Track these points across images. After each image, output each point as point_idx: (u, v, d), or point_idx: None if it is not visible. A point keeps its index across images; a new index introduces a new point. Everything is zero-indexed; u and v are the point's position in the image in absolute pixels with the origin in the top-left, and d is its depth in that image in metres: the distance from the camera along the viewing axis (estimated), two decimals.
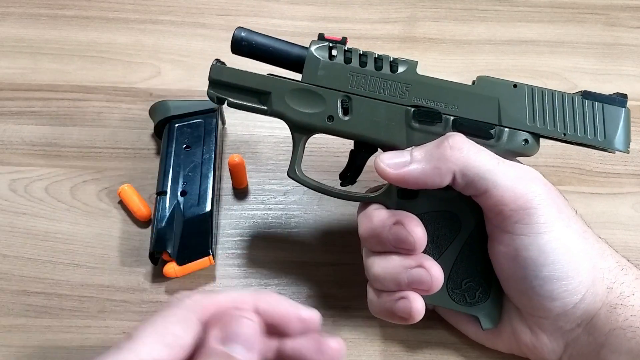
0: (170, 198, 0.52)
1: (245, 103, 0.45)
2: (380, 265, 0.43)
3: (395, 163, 0.42)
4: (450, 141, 0.41)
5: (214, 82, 0.44)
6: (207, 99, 0.45)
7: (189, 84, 0.65)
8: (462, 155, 0.40)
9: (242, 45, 0.44)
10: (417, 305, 0.42)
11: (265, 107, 0.44)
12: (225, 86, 0.44)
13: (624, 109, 0.43)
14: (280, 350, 0.36)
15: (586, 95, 0.44)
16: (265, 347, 0.36)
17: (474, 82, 0.44)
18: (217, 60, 0.45)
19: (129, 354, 0.32)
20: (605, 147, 0.43)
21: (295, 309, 0.37)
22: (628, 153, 0.44)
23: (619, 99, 0.44)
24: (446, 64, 0.68)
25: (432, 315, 0.49)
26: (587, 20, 0.72)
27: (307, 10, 0.72)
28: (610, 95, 0.44)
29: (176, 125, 0.57)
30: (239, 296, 0.37)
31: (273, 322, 0.36)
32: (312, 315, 0.37)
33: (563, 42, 0.70)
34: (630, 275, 0.42)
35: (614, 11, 0.73)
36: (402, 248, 0.42)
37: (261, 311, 0.36)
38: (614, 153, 0.44)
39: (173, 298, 0.37)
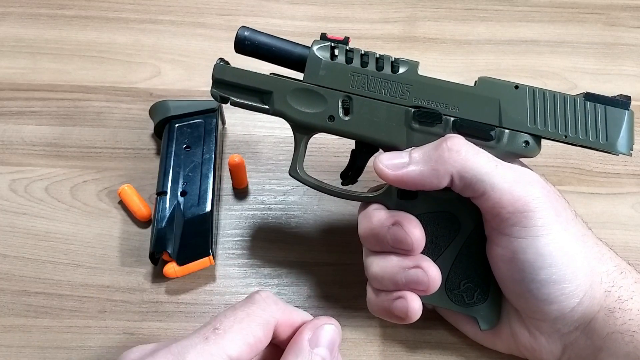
0: (170, 198, 0.52)
1: (247, 102, 0.45)
2: (379, 265, 0.44)
3: (394, 164, 0.42)
4: (449, 143, 0.41)
5: (217, 82, 0.45)
6: (207, 98, 0.45)
7: (189, 84, 0.65)
8: (460, 157, 0.40)
9: (245, 45, 0.45)
10: (414, 305, 0.42)
11: (267, 107, 0.45)
12: (228, 85, 0.45)
13: (627, 111, 0.43)
14: None
15: (588, 97, 0.43)
16: None
17: (476, 83, 0.44)
18: (221, 59, 0.45)
19: (216, 347, 0.34)
20: (608, 149, 0.43)
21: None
22: (631, 156, 0.44)
23: (622, 101, 0.43)
24: (446, 63, 0.68)
25: (432, 315, 0.50)
26: (587, 20, 0.72)
27: (307, 10, 0.72)
28: (613, 97, 0.43)
29: (176, 125, 0.57)
30: (307, 317, 0.39)
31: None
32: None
33: (563, 42, 0.70)
34: (629, 279, 0.42)
35: (614, 11, 0.73)
36: (400, 248, 0.42)
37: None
38: (618, 155, 0.44)
39: (257, 294, 0.38)
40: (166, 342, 0.36)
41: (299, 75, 0.45)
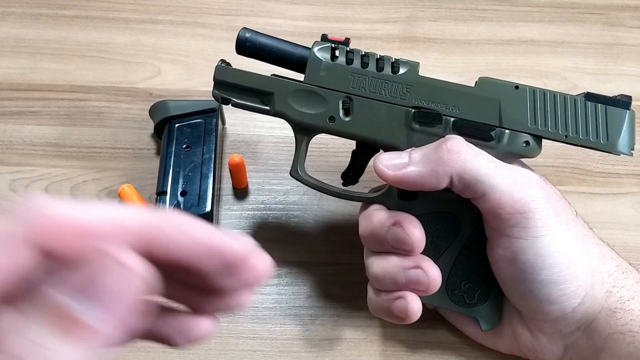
0: (170, 198, 0.52)
1: (248, 103, 0.45)
2: (379, 265, 0.44)
3: (394, 164, 0.42)
4: (449, 144, 0.41)
5: (218, 83, 0.45)
6: (207, 98, 0.45)
7: (189, 84, 0.65)
8: (460, 158, 0.40)
9: (246, 46, 0.45)
10: (414, 305, 0.42)
11: (268, 108, 0.45)
12: (229, 87, 0.45)
13: (627, 111, 0.43)
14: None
15: (589, 97, 0.43)
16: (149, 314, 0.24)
17: (476, 84, 0.44)
18: (222, 60, 0.45)
19: None
20: (608, 149, 0.43)
21: (206, 235, 0.24)
22: (632, 156, 0.44)
23: (623, 101, 0.43)
24: (446, 64, 0.68)
25: (433, 315, 0.50)
26: (587, 20, 0.72)
27: (307, 10, 0.72)
28: (614, 97, 0.43)
29: (176, 125, 0.57)
30: (119, 218, 0.23)
31: (176, 258, 0.23)
32: (231, 242, 0.24)
33: (563, 42, 0.70)
34: (630, 279, 0.42)
35: (614, 11, 0.73)
36: (400, 249, 0.42)
37: (161, 244, 0.23)
38: (618, 155, 0.44)
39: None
40: None
41: (300, 77, 0.45)
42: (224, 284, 0.25)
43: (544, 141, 0.44)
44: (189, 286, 0.26)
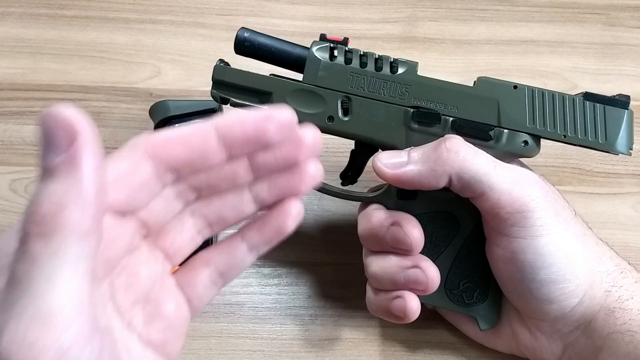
0: None
1: (247, 103, 0.45)
2: (378, 265, 0.44)
3: (393, 163, 0.42)
4: (447, 144, 0.41)
5: (217, 83, 0.45)
6: (207, 98, 0.45)
7: (189, 84, 0.65)
8: (459, 158, 0.40)
9: (245, 46, 0.45)
10: (413, 305, 0.42)
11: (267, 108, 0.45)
12: (228, 86, 0.45)
13: (626, 110, 0.43)
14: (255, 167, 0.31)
15: (587, 96, 0.43)
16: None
17: (474, 83, 0.44)
18: (221, 60, 0.45)
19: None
20: (607, 149, 0.43)
21: (265, 118, 0.29)
22: (630, 155, 0.44)
23: (621, 101, 0.43)
24: (446, 63, 0.68)
25: (432, 315, 0.50)
26: (587, 20, 0.72)
27: (307, 10, 0.72)
28: (612, 96, 0.43)
29: (176, 125, 0.57)
30: (196, 126, 0.29)
31: (244, 138, 0.29)
32: (288, 117, 0.29)
33: (563, 42, 0.70)
34: (629, 279, 0.42)
35: (614, 11, 0.73)
36: (399, 248, 0.43)
37: (225, 131, 0.28)
38: (617, 155, 0.44)
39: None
40: None
41: (299, 76, 0.45)
42: (289, 153, 0.31)
43: (543, 141, 0.44)
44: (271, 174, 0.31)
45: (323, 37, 0.45)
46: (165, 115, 0.57)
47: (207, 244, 0.34)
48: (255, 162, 0.30)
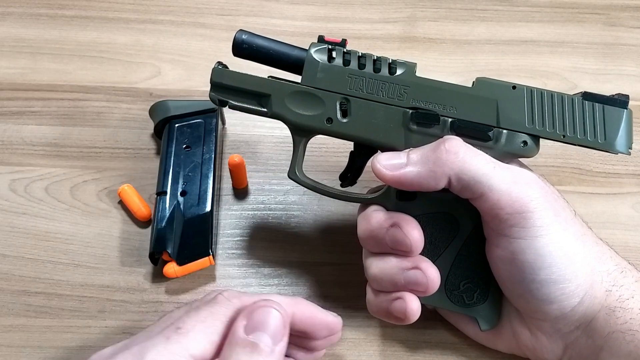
0: (170, 198, 0.52)
1: (246, 105, 0.45)
2: (378, 266, 0.44)
3: (392, 164, 0.42)
4: (447, 145, 0.41)
5: (215, 85, 0.45)
6: (207, 98, 0.45)
7: (189, 84, 0.65)
8: (458, 159, 0.40)
9: (243, 48, 0.45)
10: (413, 306, 0.42)
11: (265, 110, 0.45)
12: (226, 89, 0.45)
13: (625, 110, 0.43)
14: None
15: (586, 96, 0.43)
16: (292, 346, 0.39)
17: (473, 84, 0.44)
18: (219, 62, 0.45)
19: (178, 347, 0.33)
20: (606, 149, 0.43)
21: (324, 315, 0.40)
22: (629, 155, 0.44)
23: (620, 100, 0.43)
24: (446, 64, 0.68)
25: (432, 315, 0.50)
26: (587, 20, 0.72)
27: (307, 10, 0.72)
28: (611, 96, 0.43)
29: (176, 125, 0.57)
30: (278, 299, 0.37)
31: (305, 329, 0.39)
32: (337, 321, 0.41)
33: (563, 42, 0.70)
34: (629, 278, 0.42)
35: (614, 11, 0.73)
36: (399, 250, 0.43)
37: (297, 318, 0.38)
38: (617, 154, 0.44)
39: (220, 295, 0.38)
40: (125, 343, 0.35)
41: (297, 78, 0.45)
42: (318, 344, 0.42)
43: (543, 141, 0.44)
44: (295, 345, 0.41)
45: (321, 39, 0.45)
46: (165, 115, 0.57)
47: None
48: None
